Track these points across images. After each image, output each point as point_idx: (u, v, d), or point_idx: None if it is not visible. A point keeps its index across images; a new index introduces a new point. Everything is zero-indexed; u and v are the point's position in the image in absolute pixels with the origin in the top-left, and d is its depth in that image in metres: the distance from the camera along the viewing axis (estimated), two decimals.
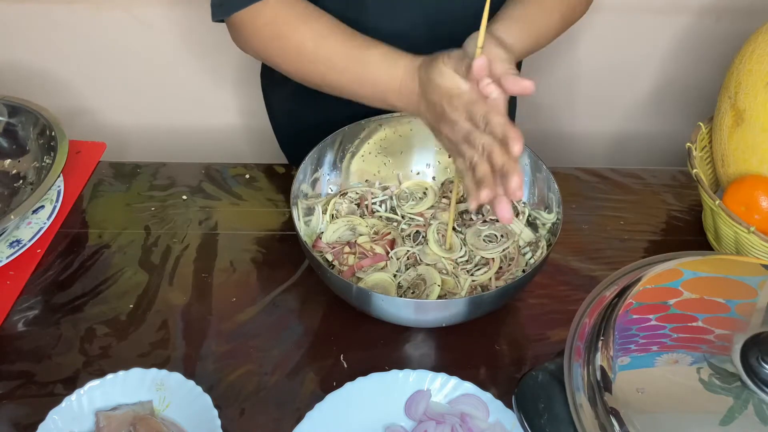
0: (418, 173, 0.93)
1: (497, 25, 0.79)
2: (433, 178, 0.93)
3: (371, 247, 0.83)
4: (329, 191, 0.91)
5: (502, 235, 0.84)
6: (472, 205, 0.68)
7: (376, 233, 0.86)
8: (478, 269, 0.82)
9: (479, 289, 0.81)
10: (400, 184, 0.92)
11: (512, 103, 1.14)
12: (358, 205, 0.89)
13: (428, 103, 0.72)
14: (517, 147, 0.63)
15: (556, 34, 0.88)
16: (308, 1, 0.82)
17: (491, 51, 0.69)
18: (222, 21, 0.83)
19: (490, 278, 0.81)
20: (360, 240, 0.84)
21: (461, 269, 0.82)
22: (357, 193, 0.90)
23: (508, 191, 0.65)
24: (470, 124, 0.67)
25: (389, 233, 0.85)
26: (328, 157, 0.89)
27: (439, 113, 0.71)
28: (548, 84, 1.38)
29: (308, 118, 1.04)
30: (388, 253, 0.83)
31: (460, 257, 0.83)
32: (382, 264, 0.82)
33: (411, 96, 0.75)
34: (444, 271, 0.81)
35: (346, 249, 0.83)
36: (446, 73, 0.69)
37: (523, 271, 0.82)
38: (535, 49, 0.85)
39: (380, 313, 0.75)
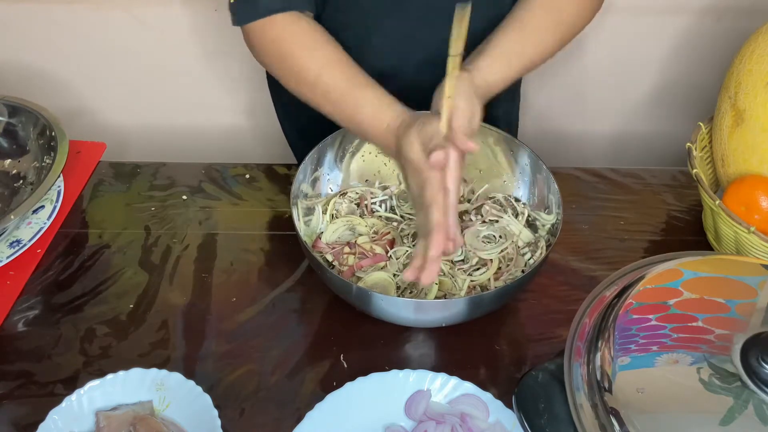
0: None
1: (480, 62, 0.80)
2: None
3: (371, 247, 0.83)
4: (329, 191, 0.91)
5: (500, 236, 0.84)
6: (406, 275, 0.71)
7: (375, 233, 0.86)
8: (477, 269, 0.82)
9: (478, 288, 0.81)
10: (400, 184, 0.92)
11: (514, 103, 1.13)
12: (358, 204, 0.89)
13: (399, 161, 0.76)
14: (432, 251, 0.68)
15: (552, 53, 0.88)
16: (320, 25, 0.84)
17: (456, 104, 0.72)
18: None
19: (489, 279, 0.81)
20: (360, 240, 0.84)
21: (458, 269, 0.82)
22: (357, 192, 0.90)
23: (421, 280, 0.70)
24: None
25: (389, 233, 0.85)
26: (328, 157, 0.89)
27: (405, 176, 0.75)
28: (548, 84, 1.38)
29: (314, 110, 1.04)
30: (387, 252, 0.83)
31: (457, 258, 0.83)
32: (382, 264, 0.82)
33: (389, 147, 0.78)
34: (440, 273, 0.81)
35: (346, 249, 0.83)
36: (414, 147, 0.72)
37: (522, 271, 0.82)
38: (525, 74, 0.86)
39: (380, 313, 0.75)
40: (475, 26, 0.90)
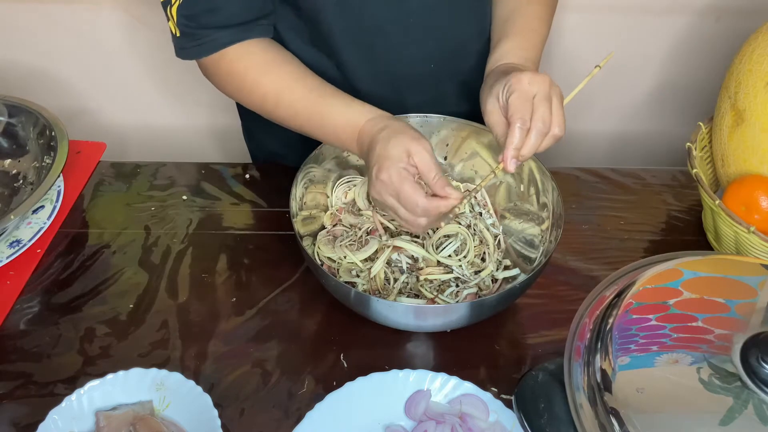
0: None
1: (508, 46, 0.82)
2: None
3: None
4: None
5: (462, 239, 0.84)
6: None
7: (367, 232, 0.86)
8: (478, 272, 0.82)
9: (479, 289, 0.81)
10: None
11: None
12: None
13: (371, 158, 0.75)
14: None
15: (549, 25, 0.90)
16: (278, 46, 0.84)
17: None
18: None
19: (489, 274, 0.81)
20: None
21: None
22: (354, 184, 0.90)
23: None
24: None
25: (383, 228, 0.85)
26: (329, 157, 0.89)
27: (378, 171, 0.74)
28: None
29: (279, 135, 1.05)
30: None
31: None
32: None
33: (363, 147, 0.77)
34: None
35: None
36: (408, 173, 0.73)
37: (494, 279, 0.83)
38: (540, 51, 0.87)
39: (378, 317, 0.75)
40: (458, 39, 0.92)
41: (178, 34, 0.82)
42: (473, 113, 1.03)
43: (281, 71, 0.82)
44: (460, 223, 0.84)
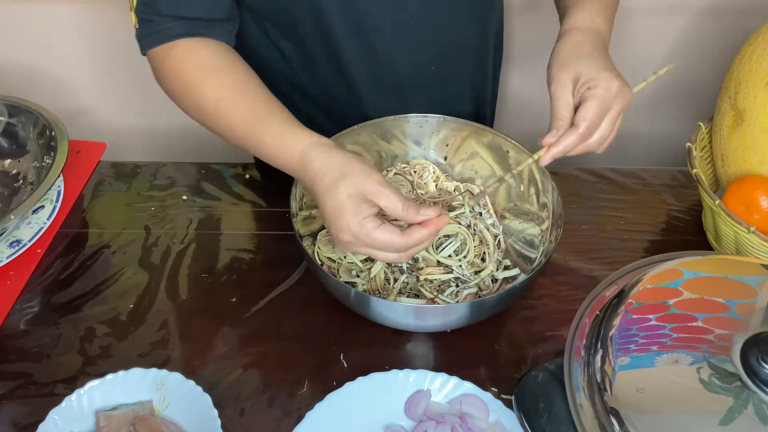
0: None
1: (573, 14, 0.79)
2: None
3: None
4: None
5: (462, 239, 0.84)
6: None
7: None
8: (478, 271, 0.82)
9: (479, 289, 0.81)
10: (387, 173, 0.92)
11: (486, 85, 1.08)
12: None
13: (310, 184, 0.70)
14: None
15: None
16: (230, 51, 0.80)
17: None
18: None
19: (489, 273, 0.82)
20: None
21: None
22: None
23: None
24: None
25: None
26: None
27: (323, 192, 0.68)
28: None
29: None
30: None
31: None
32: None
33: (297, 173, 0.72)
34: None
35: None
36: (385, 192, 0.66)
37: (495, 280, 0.83)
38: (614, 13, 0.84)
39: (378, 317, 0.75)
40: (459, 40, 0.91)
41: (137, 25, 0.80)
42: (476, 115, 1.03)
43: (227, 76, 0.77)
44: (460, 223, 0.84)
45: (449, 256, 0.81)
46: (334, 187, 0.66)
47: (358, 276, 0.82)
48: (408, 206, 0.66)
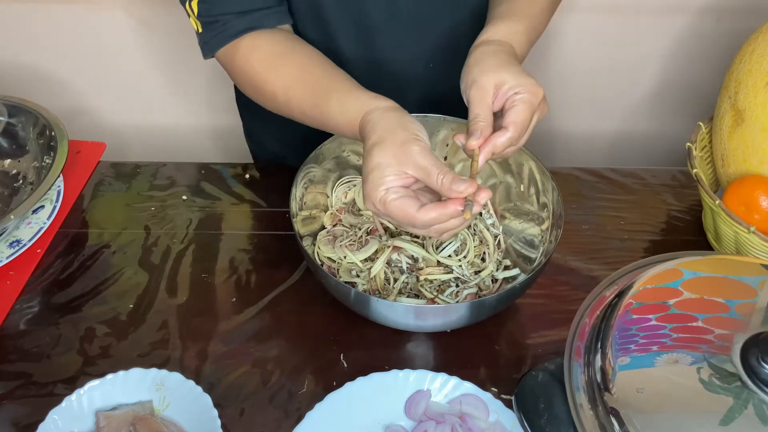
0: None
1: (496, 27, 0.79)
2: None
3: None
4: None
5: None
6: None
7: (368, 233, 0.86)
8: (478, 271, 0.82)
9: (479, 288, 0.81)
10: None
11: None
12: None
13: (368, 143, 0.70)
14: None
15: (549, 16, 0.88)
16: (287, 34, 0.82)
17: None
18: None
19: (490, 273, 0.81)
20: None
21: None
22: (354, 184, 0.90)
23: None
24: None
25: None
26: (329, 157, 0.89)
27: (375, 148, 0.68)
28: (548, 84, 1.38)
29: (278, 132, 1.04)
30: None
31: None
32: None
33: (357, 137, 0.73)
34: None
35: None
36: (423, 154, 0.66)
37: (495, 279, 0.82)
38: (535, 39, 0.85)
39: (378, 317, 0.75)
40: (456, 40, 0.92)
41: (200, 30, 0.82)
42: None
43: (288, 64, 0.80)
44: None
45: (449, 256, 0.81)
46: (369, 153, 0.67)
47: (358, 276, 0.82)
48: (444, 175, 0.64)
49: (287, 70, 0.79)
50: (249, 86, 0.83)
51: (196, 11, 0.80)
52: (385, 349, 0.80)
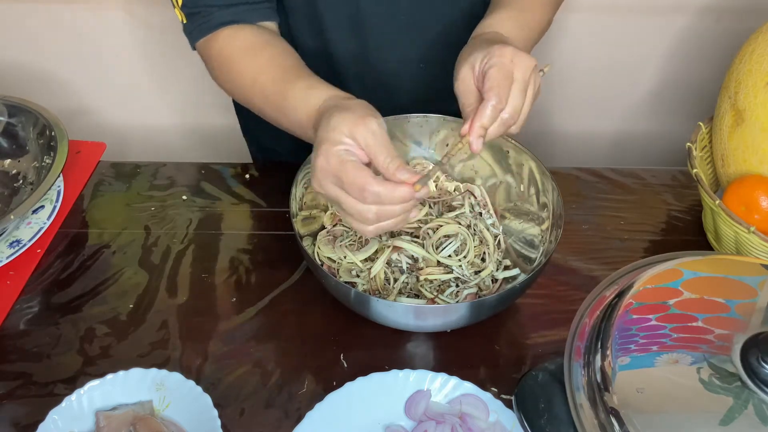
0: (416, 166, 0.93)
1: (504, 15, 0.79)
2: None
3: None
4: None
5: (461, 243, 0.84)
6: None
7: None
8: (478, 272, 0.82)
9: (479, 288, 0.81)
10: None
11: None
12: None
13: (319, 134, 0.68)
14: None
15: (551, 18, 0.87)
16: (268, 31, 0.83)
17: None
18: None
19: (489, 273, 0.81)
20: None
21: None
22: None
23: None
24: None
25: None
26: None
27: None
28: (548, 84, 1.38)
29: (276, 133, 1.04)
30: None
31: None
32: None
33: (311, 128, 0.71)
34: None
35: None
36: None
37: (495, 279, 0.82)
38: (532, 24, 0.83)
39: (378, 317, 0.75)
40: (450, 40, 0.92)
41: (184, 20, 0.82)
42: None
43: (261, 56, 0.79)
44: (460, 223, 0.84)
45: (449, 256, 0.81)
46: (330, 118, 0.65)
47: (358, 276, 0.82)
48: (391, 160, 0.62)
49: (259, 61, 0.79)
50: (220, 73, 0.83)
51: (180, 2, 0.81)
52: (385, 349, 0.80)
